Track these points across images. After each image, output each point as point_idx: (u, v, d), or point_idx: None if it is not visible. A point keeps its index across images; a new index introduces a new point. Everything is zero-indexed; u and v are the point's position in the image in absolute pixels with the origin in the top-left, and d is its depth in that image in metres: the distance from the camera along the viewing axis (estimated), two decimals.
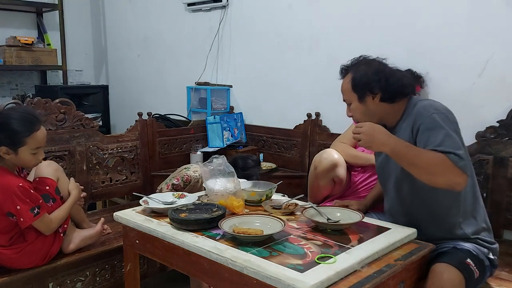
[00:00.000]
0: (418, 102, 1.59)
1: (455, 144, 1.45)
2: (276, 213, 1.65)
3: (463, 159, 1.43)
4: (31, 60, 3.70)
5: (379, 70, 1.60)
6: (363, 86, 1.60)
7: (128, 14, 4.06)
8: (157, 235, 1.53)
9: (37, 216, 1.67)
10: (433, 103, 1.58)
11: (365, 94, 1.60)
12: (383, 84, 1.58)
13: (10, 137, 1.65)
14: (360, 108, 1.63)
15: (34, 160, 1.73)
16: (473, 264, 1.47)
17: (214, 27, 3.31)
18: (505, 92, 2.07)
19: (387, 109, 1.60)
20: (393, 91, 1.59)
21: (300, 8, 2.83)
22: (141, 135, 2.79)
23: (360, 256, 1.29)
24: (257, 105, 3.17)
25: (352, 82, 1.62)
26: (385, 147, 1.50)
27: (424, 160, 1.44)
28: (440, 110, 1.52)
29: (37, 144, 1.70)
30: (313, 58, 2.79)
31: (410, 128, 1.56)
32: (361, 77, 1.60)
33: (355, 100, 1.63)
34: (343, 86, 1.67)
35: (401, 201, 1.65)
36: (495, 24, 2.07)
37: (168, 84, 3.79)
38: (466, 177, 1.43)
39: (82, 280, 1.93)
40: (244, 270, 1.24)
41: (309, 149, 2.78)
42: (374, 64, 1.63)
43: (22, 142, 1.66)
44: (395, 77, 1.60)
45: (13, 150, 1.67)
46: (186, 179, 2.32)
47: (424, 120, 1.51)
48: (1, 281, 1.68)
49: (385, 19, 2.43)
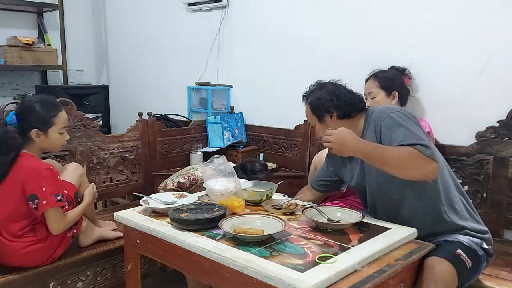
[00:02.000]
0: (375, 110, 1.68)
1: (417, 135, 1.51)
2: (276, 213, 1.66)
3: (429, 148, 1.49)
4: (31, 60, 3.70)
5: (331, 91, 1.72)
6: (319, 108, 1.72)
7: (129, 14, 4.06)
8: (157, 235, 1.54)
9: (59, 203, 1.72)
10: (389, 106, 1.69)
11: (323, 115, 1.72)
12: (336, 103, 1.69)
13: (39, 119, 1.77)
14: (322, 128, 1.72)
15: (62, 140, 1.85)
16: (464, 255, 1.50)
17: (214, 27, 3.31)
18: (505, 92, 2.07)
19: (347, 125, 1.66)
20: (347, 108, 1.69)
21: (301, 8, 2.83)
22: (142, 135, 2.79)
23: (361, 256, 1.30)
24: (257, 105, 3.17)
25: (310, 107, 1.76)
26: (356, 152, 1.58)
27: (394, 156, 1.49)
28: (395, 109, 1.61)
29: (64, 123, 1.84)
30: (313, 58, 2.79)
31: (373, 133, 1.62)
32: (316, 100, 1.73)
33: (316, 122, 1.75)
34: (305, 112, 1.80)
35: (386, 202, 1.67)
36: (495, 24, 2.07)
37: (168, 84, 3.79)
38: (436, 164, 1.49)
39: (83, 280, 1.94)
40: (245, 270, 1.25)
41: (309, 149, 2.78)
42: (328, 86, 1.75)
43: (51, 122, 1.79)
44: (346, 96, 1.71)
45: (43, 132, 1.78)
46: (193, 179, 2.31)
47: (383, 122, 1.59)
48: (1, 281, 1.68)
49: (385, 19, 2.43)
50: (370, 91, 2.15)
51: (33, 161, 1.75)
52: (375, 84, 2.14)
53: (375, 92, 2.13)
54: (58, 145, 1.87)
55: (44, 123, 1.78)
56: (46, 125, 1.78)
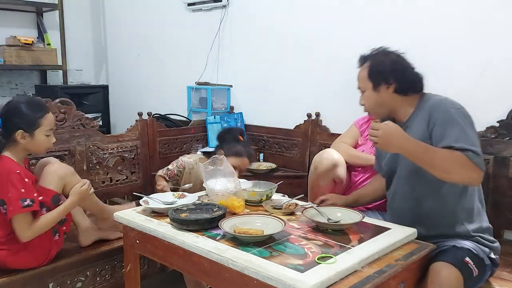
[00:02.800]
0: (432, 97, 1.62)
1: (471, 140, 1.47)
2: (276, 213, 1.65)
3: (479, 156, 1.45)
4: (31, 59, 3.69)
5: (396, 61, 1.64)
6: (378, 75, 1.63)
7: (128, 14, 4.06)
8: (157, 235, 1.53)
9: (27, 208, 1.62)
10: (448, 98, 1.60)
11: (380, 83, 1.63)
12: (399, 76, 1.61)
13: (26, 120, 1.71)
14: (373, 96, 1.65)
15: (48, 143, 1.78)
16: (472, 263, 1.47)
17: (214, 27, 3.31)
18: (505, 92, 2.07)
19: (399, 102, 1.61)
20: (407, 83, 1.62)
21: (301, 8, 2.82)
22: (141, 135, 2.79)
23: (361, 256, 1.29)
24: (257, 105, 3.17)
25: (369, 70, 1.66)
26: (402, 150, 1.51)
27: (441, 159, 1.46)
28: (456, 106, 1.55)
29: (51, 125, 1.77)
30: (313, 58, 2.79)
31: (425, 122, 1.57)
32: (378, 65, 1.64)
33: (369, 88, 1.66)
34: (360, 73, 1.70)
35: (409, 193, 1.65)
36: (496, 24, 2.07)
37: (168, 84, 3.79)
38: (482, 174, 1.47)
39: (82, 280, 1.93)
40: (245, 270, 1.24)
41: (309, 149, 2.78)
42: (392, 55, 1.67)
43: (37, 124, 1.72)
44: (410, 71, 1.64)
45: (28, 133, 1.72)
46: (180, 165, 2.30)
47: (440, 115, 1.53)
48: (1, 281, 1.68)
49: (386, 19, 2.43)
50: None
51: (5, 164, 1.67)
52: None
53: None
54: (44, 147, 1.79)
55: (30, 124, 1.71)
56: (32, 127, 1.71)
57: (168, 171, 2.30)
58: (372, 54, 1.70)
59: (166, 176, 2.28)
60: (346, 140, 2.25)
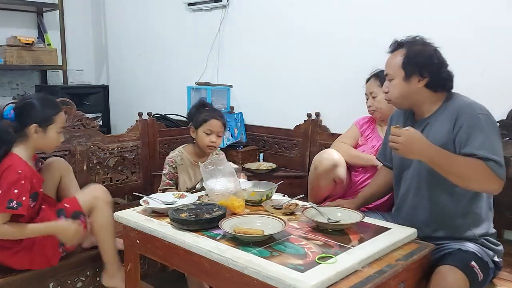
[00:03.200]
0: (461, 98, 1.58)
1: (494, 148, 1.44)
2: (276, 213, 1.65)
3: (502, 166, 1.44)
4: (31, 60, 3.70)
5: (433, 55, 1.57)
6: (413, 66, 1.56)
7: (129, 14, 4.06)
8: (157, 235, 1.53)
9: (9, 210, 1.61)
10: (477, 102, 1.55)
11: (412, 74, 1.56)
12: (434, 70, 1.55)
13: (41, 115, 1.76)
14: (402, 86, 1.58)
15: (57, 141, 1.83)
16: (477, 267, 1.46)
17: (214, 27, 3.31)
18: (505, 92, 2.07)
19: (426, 96, 1.57)
20: (440, 80, 1.57)
21: (301, 8, 2.82)
22: (142, 135, 2.79)
23: (361, 256, 1.29)
24: (257, 105, 3.17)
25: (405, 58, 1.57)
26: (423, 157, 1.48)
27: (462, 168, 1.44)
28: (484, 111, 1.51)
29: (63, 123, 1.85)
30: (313, 58, 2.79)
31: (451, 123, 1.53)
32: (415, 56, 1.56)
33: (400, 77, 1.59)
34: (392, 60, 1.62)
35: (418, 193, 1.64)
36: (496, 24, 2.07)
37: (168, 84, 3.79)
38: (502, 183, 1.45)
39: (82, 280, 1.93)
40: (245, 270, 1.24)
41: (309, 149, 2.78)
42: (430, 48, 1.59)
43: (51, 120, 1.78)
44: (444, 67, 1.58)
45: (42, 128, 1.76)
46: (171, 162, 2.27)
47: (468, 118, 1.49)
48: (1, 281, 1.68)
49: (386, 19, 2.43)
50: (371, 91, 2.14)
51: (10, 161, 1.68)
52: (376, 83, 2.13)
53: (376, 92, 2.11)
54: (53, 145, 1.84)
55: (44, 119, 1.76)
56: (46, 122, 1.77)
57: (167, 176, 2.27)
58: (408, 41, 1.61)
59: (170, 181, 2.25)
60: (347, 140, 2.25)
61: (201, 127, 2.20)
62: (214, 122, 2.21)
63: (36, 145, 1.79)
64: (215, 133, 2.21)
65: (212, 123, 2.21)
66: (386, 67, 1.66)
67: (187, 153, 2.26)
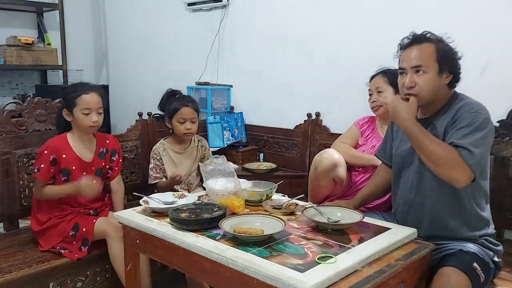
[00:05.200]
0: (465, 98, 1.57)
1: (475, 142, 1.43)
2: (276, 213, 1.65)
3: (475, 157, 1.41)
4: (31, 59, 3.70)
5: (455, 53, 1.58)
6: (447, 61, 1.54)
7: (129, 14, 4.06)
8: (157, 235, 1.53)
9: (34, 174, 1.94)
10: (480, 103, 1.54)
11: (444, 69, 1.54)
12: (458, 69, 1.57)
13: (66, 100, 1.98)
14: (435, 81, 1.54)
15: (87, 121, 1.96)
16: (479, 269, 1.46)
17: (214, 27, 3.31)
18: (505, 92, 2.07)
19: (442, 94, 1.57)
20: (458, 79, 1.58)
21: (301, 8, 2.82)
22: (142, 135, 2.78)
23: (361, 256, 1.29)
24: (257, 105, 3.17)
25: (439, 52, 1.54)
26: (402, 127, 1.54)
27: (433, 147, 1.45)
28: (484, 113, 1.49)
29: (86, 105, 1.95)
30: (313, 58, 2.79)
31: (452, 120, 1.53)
32: (447, 52, 1.55)
33: (433, 70, 1.54)
34: (423, 51, 1.55)
35: (418, 192, 1.63)
36: (496, 24, 2.07)
37: (168, 84, 3.74)
38: (469, 176, 1.43)
39: (82, 280, 1.94)
40: (245, 270, 1.24)
41: (309, 149, 2.78)
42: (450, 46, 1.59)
43: (74, 103, 1.95)
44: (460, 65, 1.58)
45: (70, 112, 1.97)
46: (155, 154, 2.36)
47: (463, 115, 1.49)
48: (1, 281, 1.68)
49: (385, 19, 2.43)
50: (377, 86, 2.11)
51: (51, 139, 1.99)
52: (383, 79, 2.11)
53: (383, 88, 2.09)
54: (84, 125, 1.97)
55: (69, 103, 1.96)
56: (71, 106, 1.95)
57: (153, 170, 2.33)
58: (431, 37, 1.58)
59: (158, 174, 2.32)
60: (347, 141, 2.25)
61: (174, 117, 2.28)
62: (185, 110, 2.27)
63: (75, 127, 2.01)
64: (189, 120, 2.27)
65: (183, 111, 2.27)
66: (415, 59, 1.56)
67: (168, 143, 2.34)
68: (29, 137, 2.24)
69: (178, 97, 2.35)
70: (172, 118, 2.28)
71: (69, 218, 1.97)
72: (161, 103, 2.40)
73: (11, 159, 2.16)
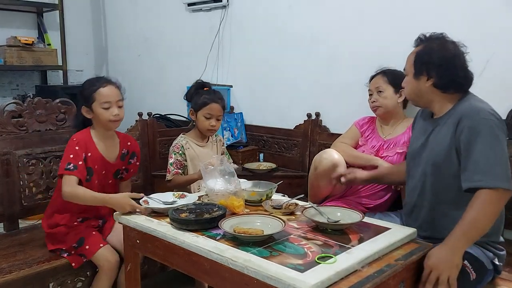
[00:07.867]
0: (472, 101, 1.54)
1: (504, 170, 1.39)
2: (276, 213, 1.65)
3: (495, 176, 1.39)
4: (31, 60, 3.70)
5: (444, 56, 1.54)
6: (422, 65, 1.56)
7: (129, 14, 4.06)
8: (157, 235, 1.53)
9: (67, 172, 1.78)
10: (484, 106, 1.52)
11: (421, 73, 1.57)
12: (442, 71, 1.53)
13: (83, 96, 1.88)
14: (413, 84, 1.60)
15: (108, 115, 1.86)
16: (469, 266, 1.46)
17: (214, 27, 3.31)
18: (505, 92, 2.06)
19: (437, 96, 1.56)
20: (448, 81, 1.55)
21: (300, 8, 2.82)
22: (142, 135, 2.79)
23: (361, 256, 1.29)
24: (257, 105, 3.17)
25: (415, 57, 1.59)
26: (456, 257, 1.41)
27: (479, 224, 1.40)
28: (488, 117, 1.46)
29: (104, 98, 1.85)
30: (313, 58, 2.79)
31: (454, 127, 1.50)
32: (425, 54, 1.56)
33: (411, 74, 1.61)
34: (409, 56, 1.64)
35: (422, 193, 1.63)
36: (495, 24, 2.07)
37: (168, 84, 3.79)
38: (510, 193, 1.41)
39: (82, 280, 1.93)
40: (245, 270, 1.25)
41: (309, 149, 2.78)
42: (449, 46, 1.57)
43: (92, 98, 1.86)
44: (458, 69, 1.55)
45: (89, 108, 1.88)
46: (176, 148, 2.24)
47: (469, 123, 1.46)
48: (1, 281, 1.68)
49: (385, 19, 2.43)
50: (377, 86, 2.12)
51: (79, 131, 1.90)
52: (383, 79, 2.12)
53: (383, 87, 2.10)
54: (105, 120, 1.87)
55: (87, 99, 1.86)
56: (89, 101, 1.86)
57: (173, 165, 2.20)
58: (427, 39, 1.61)
59: (179, 169, 2.20)
60: (346, 141, 2.25)
61: (201, 111, 2.19)
62: (214, 106, 2.19)
63: (96, 124, 1.92)
64: (215, 117, 2.20)
65: (212, 106, 2.19)
66: (405, 62, 1.66)
67: (190, 137, 2.29)
68: (29, 138, 2.25)
69: (208, 90, 2.24)
70: (198, 111, 2.19)
71: (77, 231, 1.91)
72: (188, 93, 2.30)
73: (11, 159, 2.16)
